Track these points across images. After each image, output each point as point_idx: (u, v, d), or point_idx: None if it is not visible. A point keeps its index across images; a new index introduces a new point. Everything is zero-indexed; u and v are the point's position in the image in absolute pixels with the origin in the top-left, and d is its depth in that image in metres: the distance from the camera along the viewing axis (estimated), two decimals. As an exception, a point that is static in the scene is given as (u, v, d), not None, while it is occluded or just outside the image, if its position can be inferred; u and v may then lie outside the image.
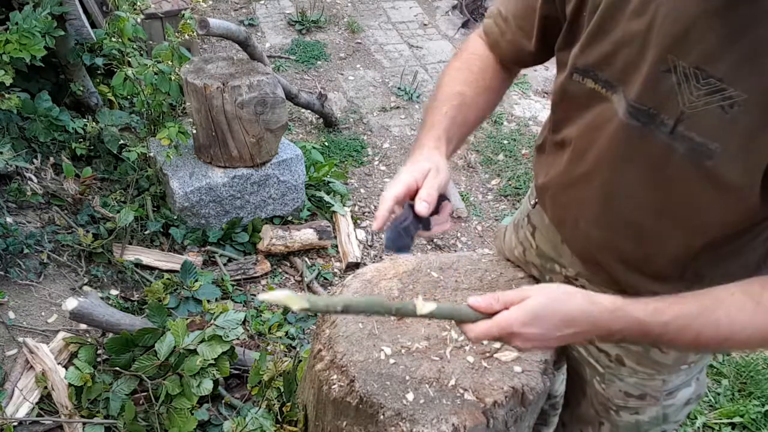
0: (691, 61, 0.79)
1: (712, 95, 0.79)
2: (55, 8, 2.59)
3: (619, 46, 0.87)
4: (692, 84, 0.80)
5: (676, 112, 0.83)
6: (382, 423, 1.11)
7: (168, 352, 1.90)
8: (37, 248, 2.36)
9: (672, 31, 0.80)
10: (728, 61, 0.76)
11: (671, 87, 0.82)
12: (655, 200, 0.93)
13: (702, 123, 0.81)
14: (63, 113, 2.72)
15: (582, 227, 1.08)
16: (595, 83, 0.94)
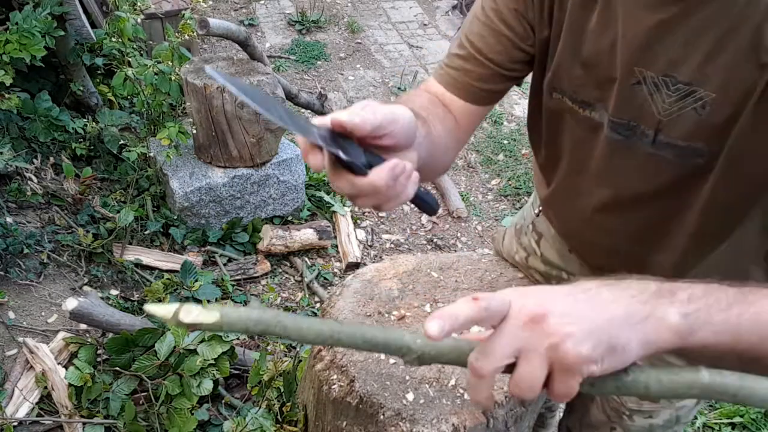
0: (658, 70, 0.80)
1: (684, 99, 0.80)
2: (55, 8, 2.59)
3: (587, 67, 0.88)
4: (663, 92, 0.81)
5: (654, 122, 0.84)
6: (382, 423, 1.11)
7: (168, 352, 1.90)
8: (37, 248, 2.36)
9: (634, 44, 0.80)
10: (692, 64, 0.77)
11: (644, 98, 0.83)
12: (653, 207, 0.93)
13: (681, 128, 0.82)
14: (63, 113, 2.72)
15: (587, 237, 1.09)
16: (573, 103, 0.94)
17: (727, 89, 0.75)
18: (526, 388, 0.58)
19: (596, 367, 0.57)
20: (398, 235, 3.16)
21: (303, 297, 2.65)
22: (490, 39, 0.96)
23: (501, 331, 0.58)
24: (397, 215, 3.29)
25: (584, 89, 0.91)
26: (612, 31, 0.83)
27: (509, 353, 0.58)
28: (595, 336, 0.57)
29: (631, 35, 0.80)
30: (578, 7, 0.86)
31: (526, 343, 0.57)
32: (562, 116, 0.98)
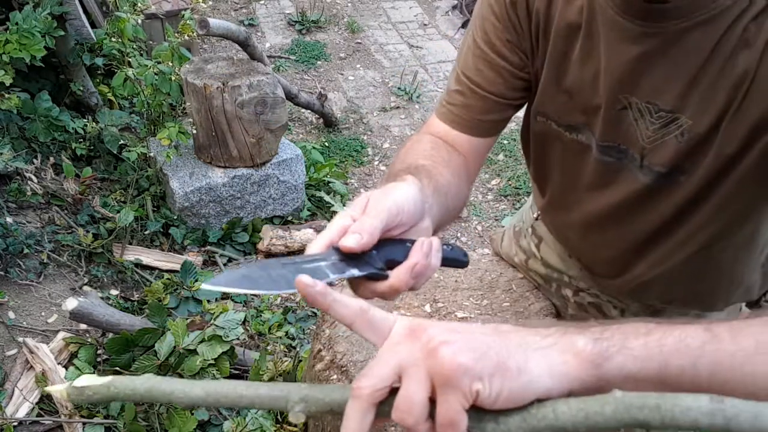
0: (642, 96, 0.82)
1: (666, 127, 0.82)
2: (55, 8, 2.59)
3: (572, 94, 0.90)
4: (647, 119, 0.83)
5: (639, 147, 0.86)
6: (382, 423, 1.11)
7: (168, 352, 1.90)
8: (37, 248, 2.36)
9: (617, 74, 0.82)
10: (674, 92, 0.79)
11: (630, 123, 0.85)
12: (643, 225, 0.95)
13: (662, 155, 0.84)
14: (63, 113, 2.72)
15: (585, 247, 1.11)
16: (558, 126, 0.96)
17: (702, 114, 0.78)
18: (404, 409, 0.48)
19: (482, 385, 0.48)
20: (398, 235, 3.16)
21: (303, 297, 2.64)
22: (488, 72, 0.96)
23: (381, 350, 0.53)
24: (397, 215, 3.29)
25: (569, 115, 0.93)
26: (595, 60, 0.84)
27: (389, 371, 0.50)
28: (478, 350, 0.49)
29: (613, 66, 0.82)
30: (561, 37, 0.87)
31: (404, 357, 0.50)
32: (549, 138, 0.99)
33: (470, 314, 1.31)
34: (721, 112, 0.76)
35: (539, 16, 0.89)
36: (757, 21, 0.71)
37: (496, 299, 1.35)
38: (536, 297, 1.35)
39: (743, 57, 0.72)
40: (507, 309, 1.33)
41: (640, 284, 1.06)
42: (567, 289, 1.27)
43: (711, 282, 1.01)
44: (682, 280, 1.01)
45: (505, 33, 0.93)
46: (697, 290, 1.03)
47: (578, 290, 1.24)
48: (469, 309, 1.32)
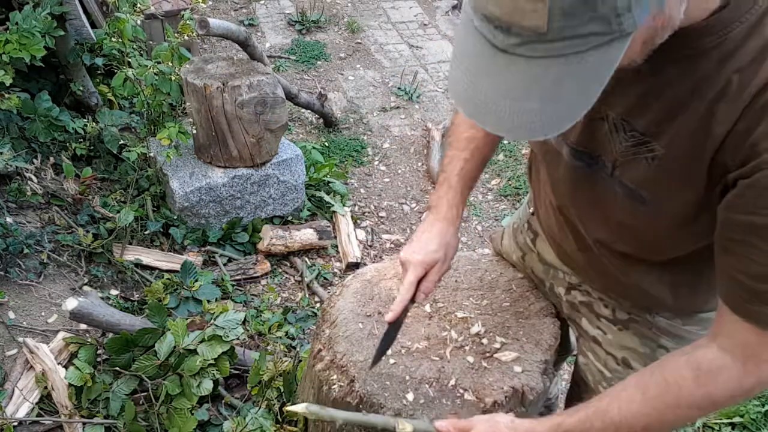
0: (618, 112, 0.84)
1: (637, 147, 0.83)
2: (55, 8, 2.59)
3: None
4: (621, 134, 0.85)
5: (612, 158, 0.88)
6: (382, 423, 1.11)
7: (168, 352, 1.90)
8: (37, 248, 2.36)
9: None
10: (648, 117, 0.80)
11: (605, 134, 0.87)
12: (611, 233, 0.98)
13: (632, 171, 0.86)
14: (63, 113, 2.72)
15: (565, 248, 1.15)
16: None
17: (678, 150, 0.79)
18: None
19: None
20: (398, 235, 3.16)
21: (303, 297, 2.65)
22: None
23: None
24: (397, 215, 3.29)
25: None
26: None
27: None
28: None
29: None
30: None
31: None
32: (534, 144, 1.06)
33: (470, 314, 1.31)
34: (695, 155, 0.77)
35: None
36: (741, 74, 0.71)
37: (496, 299, 1.35)
38: (536, 297, 1.35)
39: (723, 109, 0.73)
40: (507, 309, 1.33)
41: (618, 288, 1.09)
42: (560, 287, 1.27)
43: (691, 287, 1.02)
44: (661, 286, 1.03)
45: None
46: (676, 294, 1.04)
47: (570, 287, 1.24)
48: (469, 309, 1.32)
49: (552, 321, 1.30)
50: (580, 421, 0.93)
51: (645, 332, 1.13)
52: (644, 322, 1.13)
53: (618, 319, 1.16)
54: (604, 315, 1.18)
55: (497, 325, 1.29)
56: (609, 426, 0.90)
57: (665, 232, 0.89)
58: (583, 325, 1.24)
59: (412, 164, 3.66)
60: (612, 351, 1.19)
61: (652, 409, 0.87)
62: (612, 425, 0.90)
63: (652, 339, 1.13)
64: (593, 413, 0.92)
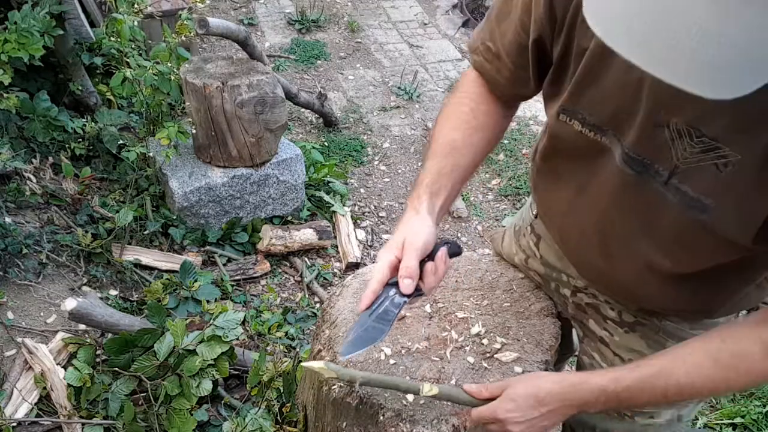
0: (684, 119, 0.79)
1: (706, 153, 0.79)
2: (53, 7, 2.58)
3: (609, 94, 0.87)
4: (686, 141, 0.80)
5: (670, 165, 0.84)
6: (382, 424, 1.10)
7: (167, 353, 1.89)
8: (36, 248, 2.35)
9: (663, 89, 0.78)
10: (722, 123, 0.76)
11: (665, 141, 0.83)
12: (650, 242, 0.94)
13: (696, 178, 0.82)
14: (62, 113, 2.71)
15: (583, 253, 1.10)
16: (583, 126, 0.94)
17: (755, 157, 0.75)
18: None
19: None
20: (398, 234, 3.15)
21: (303, 297, 2.64)
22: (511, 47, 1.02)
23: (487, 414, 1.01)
24: (397, 215, 3.29)
25: (599, 114, 0.90)
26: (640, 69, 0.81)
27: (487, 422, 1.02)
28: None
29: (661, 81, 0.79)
30: None
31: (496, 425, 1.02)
32: (569, 139, 0.98)
33: (470, 314, 1.30)
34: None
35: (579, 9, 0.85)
36: None
37: (497, 299, 1.34)
38: (537, 297, 1.35)
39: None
40: (507, 309, 1.32)
41: (632, 294, 1.07)
42: (565, 289, 1.26)
43: (708, 295, 1.00)
44: (680, 294, 1.01)
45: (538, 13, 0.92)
46: (693, 302, 1.02)
47: (576, 290, 1.23)
48: (469, 309, 1.31)
49: (552, 321, 1.30)
50: (641, 380, 0.91)
51: (651, 335, 1.12)
52: (651, 325, 1.12)
53: (624, 321, 1.15)
54: (611, 317, 1.17)
55: (498, 325, 1.28)
56: (672, 387, 0.90)
57: (716, 242, 0.85)
58: (590, 325, 1.23)
59: (412, 164, 3.65)
60: (619, 352, 1.18)
61: (722, 378, 0.88)
62: (676, 386, 0.90)
63: (659, 342, 1.12)
64: (657, 372, 0.91)
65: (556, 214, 1.15)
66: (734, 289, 0.99)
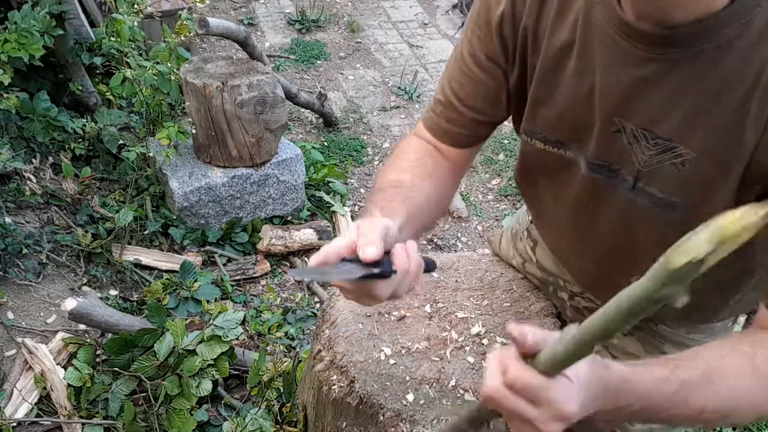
0: (637, 123, 0.79)
1: (663, 154, 0.79)
2: (53, 7, 2.58)
3: (564, 109, 0.88)
4: (642, 144, 0.81)
5: (633, 170, 0.84)
6: (382, 424, 1.10)
7: (167, 353, 1.89)
8: (36, 248, 2.35)
9: (613, 97, 0.79)
10: (673, 122, 0.76)
11: (624, 146, 0.83)
12: (634, 247, 0.94)
13: (660, 180, 0.81)
14: (62, 113, 2.71)
15: (574, 261, 1.11)
16: (545, 144, 0.94)
17: (712, 151, 0.75)
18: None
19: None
20: (398, 234, 3.15)
21: (303, 297, 2.64)
22: (468, 87, 0.96)
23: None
24: (397, 215, 3.28)
25: (558, 131, 0.91)
26: (589, 80, 0.82)
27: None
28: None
29: (609, 88, 0.79)
30: (552, 55, 0.85)
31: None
32: (535, 156, 0.99)
33: (470, 314, 1.30)
34: (730, 155, 0.73)
35: (527, 31, 0.87)
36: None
37: (497, 299, 1.34)
38: (537, 297, 1.35)
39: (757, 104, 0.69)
40: (507, 309, 1.32)
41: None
42: (563, 293, 1.27)
43: (704, 299, 1.00)
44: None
45: (488, 46, 0.92)
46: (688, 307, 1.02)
47: (573, 294, 1.23)
48: (469, 309, 1.32)
49: (552, 321, 1.30)
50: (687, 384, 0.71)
51: (648, 339, 1.13)
52: (648, 329, 1.12)
53: None
54: None
55: (498, 325, 1.28)
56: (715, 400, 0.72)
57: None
58: None
59: (412, 164, 3.65)
60: (616, 354, 1.19)
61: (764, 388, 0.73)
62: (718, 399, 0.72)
63: (655, 346, 1.12)
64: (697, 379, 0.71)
65: (542, 225, 1.17)
66: (729, 291, 0.99)
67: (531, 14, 0.85)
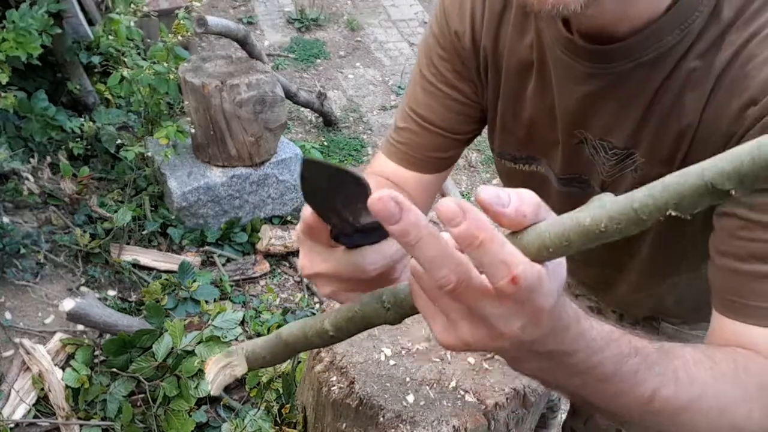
0: (595, 134, 0.81)
1: (623, 162, 0.80)
2: (52, 5, 2.57)
3: (530, 127, 0.88)
4: (602, 155, 0.82)
5: (599, 180, 0.85)
6: (382, 425, 1.10)
7: (165, 354, 1.88)
8: (34, 248, 2.34)
9: (569, 110, 0.81)
10: (626, 131, 0.77)
11: (588, 157, 0.84)
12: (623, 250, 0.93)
13: (623, 188, 0.82)
14: (60, 112, 2.70)
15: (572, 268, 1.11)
16: (515, 163, 0.94)
17: (654, 153, 0.76)
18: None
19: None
20: (398, 234, 3.14)
21: (302, 297, 2.63)
22: (438, 106, 0.93)
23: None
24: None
25: (527, 148, 0.91)
26: (549, 96, 0.83)
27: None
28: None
29: (565, 103, 0.81)
30: (514, 74, 0.85)
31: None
32: (509, 174, 0.98)
33: (471, 315, 1.29)
34: (671, 156, 0.75)
35: (486, 51, 0.86)
36: (704, 59, 0.68)
37: (498, 299, 1.34)
38: (538, 297, 1.34)
39: (689, 100, 0.70)
40: (509, 309, 1.31)
41: (627, 301, 1.06)
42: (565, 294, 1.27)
43: (702, 298, 1.00)
44: (671, 298, 1.00)
45: (453, 63, 0.90)
46: (687, 306, 1.02)
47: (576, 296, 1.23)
48: (470, 309, 1.31)
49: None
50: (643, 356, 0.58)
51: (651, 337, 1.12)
52: (650, 328, 1.12)
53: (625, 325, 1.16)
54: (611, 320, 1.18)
55: (499, 325, 1.27)
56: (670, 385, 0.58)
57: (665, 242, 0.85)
58: None
59: (412, 163, 3.65)
60: None
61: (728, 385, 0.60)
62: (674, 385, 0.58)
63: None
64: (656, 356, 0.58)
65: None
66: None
67: (489, 34, 0.85)
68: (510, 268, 0.43)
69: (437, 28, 0.90)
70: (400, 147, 0.97)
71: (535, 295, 0.45)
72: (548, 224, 0.46)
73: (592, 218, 0.44)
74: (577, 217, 0.45)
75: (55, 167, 2.71)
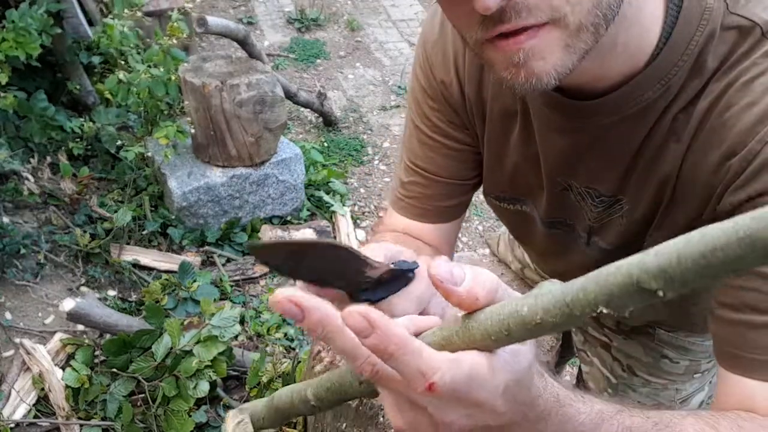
0: (581, 182, 0.81)
1: (611, 208, 0.80)
2: (51, 5, 2.57)
3: (514, 173, 0.88)
4: (589, 202, 0.82)
5: (586, 226, 0.85)
6: (382, 425, 1.09)
7: (164, 354, 1.88)
8: (34, 249, 2.34)
9: (553, 160, 0.81)
10: (612, 179, 0.77)
11: (573, 203, 0.84)
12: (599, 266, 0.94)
13: (610, 234, 0.83)
14: (59, 113, 2.70)
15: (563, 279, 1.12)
16: (501, 202, 0.95)
17: (640, 200, 0.77)
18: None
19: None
20: (398, 234, 3.14)
21: (302, 297, 2.63)
22: (440, 158, 0.92)
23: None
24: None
25: (512, 191, 0.92)
26: (533, 144, 0.83)
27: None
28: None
29: (548, 153, 0.81)
30: (498, 121, 0.85)
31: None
32: (498, 211, 0.99)
33: (471, 315, 1.29)
34: (656, 204, 0.75)
35: (471, 101, 0.86)
36: (686, 111, 0.68)
37: (498, 300, 1.34)
38: (538, 298, 1.34)
39: (671, 151, 0.70)
40: (508, 310, 1.31)
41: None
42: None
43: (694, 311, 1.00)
44: (664, 312, 1.01)
45: (444, 113, 0.90)
46: (681, 319, 1.03)
47: None
48: (470, 310, 1.30)
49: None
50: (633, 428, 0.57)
51: (648, 343, 1.13)
52: (647, 333, 1.12)
53: (622, 330, 1.16)
54: (608, 326, 1.18)
55: (499, 326, 1.27)
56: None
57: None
58: (590, 330, 1.23)
59: (411, 163, 3.64)
60: (618, 357, 1.18)
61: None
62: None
63: (655, 349, 1.12)
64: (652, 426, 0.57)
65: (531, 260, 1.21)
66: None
67: (472, 82, 0.85)
68: (426, 376, 0.41)
69: (423, 78, 0.89)
70: (410, 201, 0.97)
71: (467, 391, 0.43)
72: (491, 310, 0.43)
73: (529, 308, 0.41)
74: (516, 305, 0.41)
75: (55, 167, 2.71)
